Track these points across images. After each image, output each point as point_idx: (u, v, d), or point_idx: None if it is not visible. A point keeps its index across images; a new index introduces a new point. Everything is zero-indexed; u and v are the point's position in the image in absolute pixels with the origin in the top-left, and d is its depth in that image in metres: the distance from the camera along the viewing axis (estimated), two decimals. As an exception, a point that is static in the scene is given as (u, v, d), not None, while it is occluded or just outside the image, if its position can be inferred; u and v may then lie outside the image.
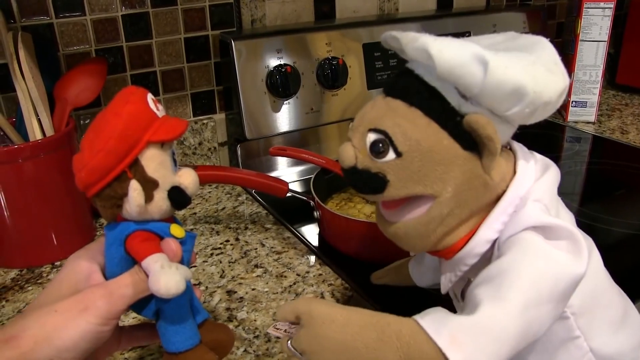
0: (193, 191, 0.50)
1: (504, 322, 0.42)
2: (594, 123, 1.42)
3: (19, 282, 0.80)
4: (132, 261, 0.48)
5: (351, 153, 0.49)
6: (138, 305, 0.49)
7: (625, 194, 1.04)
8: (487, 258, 0.49)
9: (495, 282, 0.44)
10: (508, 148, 0.51)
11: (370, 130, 0.48)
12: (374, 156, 0.48)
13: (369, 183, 0.48)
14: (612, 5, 1.34)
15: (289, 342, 0.47)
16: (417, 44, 0.45)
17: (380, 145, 0.47)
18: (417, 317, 0.44)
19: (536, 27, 1.40)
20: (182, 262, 0.48)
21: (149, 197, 0.46)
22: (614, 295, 0.55)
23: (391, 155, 0.47)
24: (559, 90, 0.45)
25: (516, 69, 0.43)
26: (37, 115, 0.83)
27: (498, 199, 0.48)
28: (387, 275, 0.75)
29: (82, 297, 0.46)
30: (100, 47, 1.03)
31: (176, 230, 0.49)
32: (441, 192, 0.46)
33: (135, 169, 0.46)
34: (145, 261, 0.45)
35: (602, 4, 1.34)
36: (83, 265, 0.48)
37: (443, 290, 0.54)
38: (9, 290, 0.79)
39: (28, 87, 0.82)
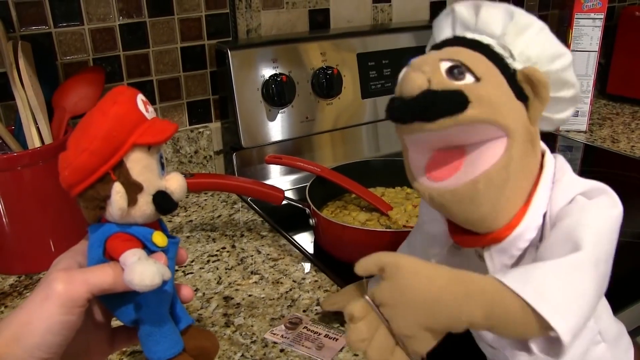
0: (179, 197, 0.48)
1: (583, 274, 0.43)
2: (585, 132, 1.44)
3: (18, 288, 0.81)
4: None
5: (422, 77, 0.45)
6: (119, 312, 0.48)
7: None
8: (534, 245, 0.49)
9: (566, 241, 0.45)
10: None
11: (442, 60, 0.46)
12: (451, 78, 0.45)
13: (450, 100, 0.44)
14: (602, 16, 1.36)
15: (366, 295, 0.45)
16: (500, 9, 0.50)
17: (457, 69, 0.45)
18: (498, 275, 0.43)
19: (528, 37, 1.42)
20: None
21: (132, 201, 0.45)
22: None
23: (470, 78, 0.45)
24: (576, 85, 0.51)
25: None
26: (35, 123, 0.84)
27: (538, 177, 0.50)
28: (342, 301, 0.70)
29: (44, 286, 0.44)
30: (98, 56, 1.04)
31: (158, 238, 0.48)
32: (514, 129, 0.46)
33: (120, 171, 0.45)
34: (123, 255, 0.44)
35: (592, 15, 1.36)
36: (62, 265, 0.47)
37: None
38: (8, 296, 0.79)
39: (27, 96, 0.83)
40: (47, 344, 0.43)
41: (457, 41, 0.50)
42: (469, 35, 0.51)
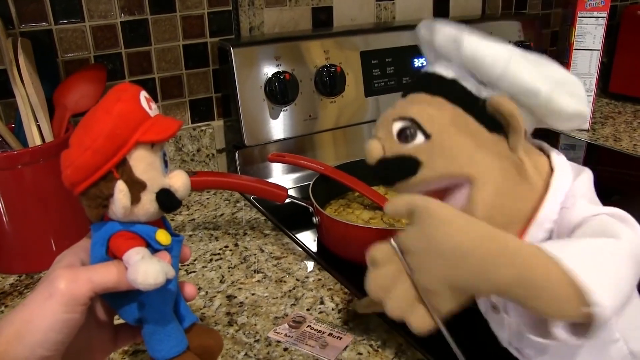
0: (183, 194, 0.48)
1: (622, 260, 0.40)
2: (587, 131, 1.43)
3: (18, 288, 0.80)
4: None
5: (377, 145, 0.48)
6: (122, 311, 0.48)
7: (619, 200, 1.04)
8: None
9: (601, 233, 0.42)
10: (539, 149, 0.52)
11: (395, 120, 0.47)
12: (402, 141, 0.47)
13: (401, 167, 0.47)
14: (605, 15, 1.35)
15: (392, 239, 0.44)
16: (450, 33, 0.47)
17: (408, 130, 0.46)
18: (538, 243, 0.41)
19: (531, 35, 1.41)
20: None
21: (135, 199, 0.45)
22: None
23: (420, 138, 0.46)
24: (574, 110, 0.47)
25: (536, 75, 0.45)
26: (36, 121, 0.84)
27: (540, 200, 0.47)
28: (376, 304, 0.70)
29: (47, 283, 0.44)
30: (99, 54, 1.03)
31: (162, 236, 0.47)
32: (476, 174, 0.45)
33: (123, 169, 0.44)
34: (126, 253, 0.44)
35: (595, 13, 1.36)
36: (64, 262, 0.47)
37: None
38: (8, 295, 0.78)
39: (27, 93, 0.82)
40: (49, 342, 0.43)
41: (424, 80, 0.49)
42: (438, 67, 0.49)
